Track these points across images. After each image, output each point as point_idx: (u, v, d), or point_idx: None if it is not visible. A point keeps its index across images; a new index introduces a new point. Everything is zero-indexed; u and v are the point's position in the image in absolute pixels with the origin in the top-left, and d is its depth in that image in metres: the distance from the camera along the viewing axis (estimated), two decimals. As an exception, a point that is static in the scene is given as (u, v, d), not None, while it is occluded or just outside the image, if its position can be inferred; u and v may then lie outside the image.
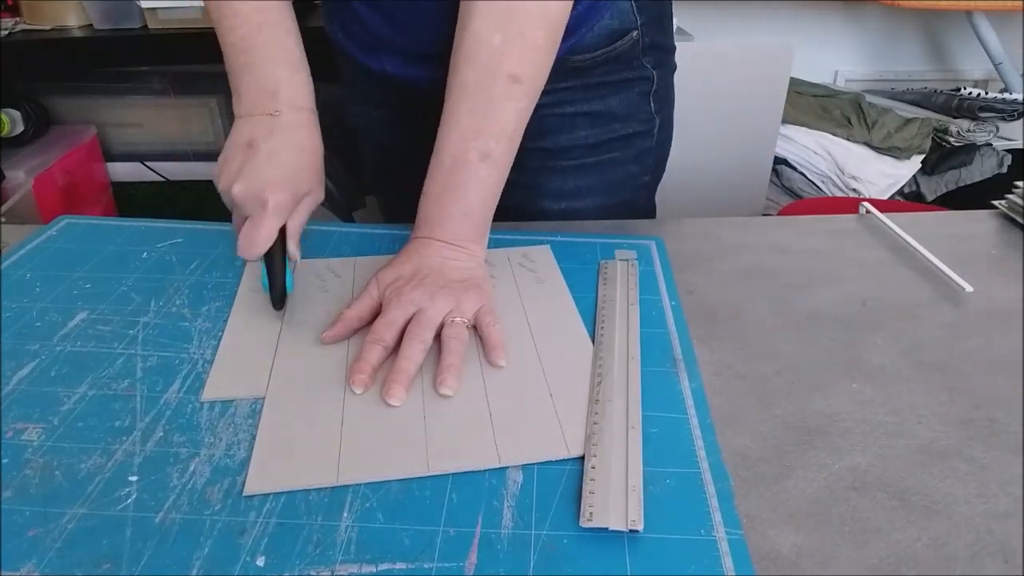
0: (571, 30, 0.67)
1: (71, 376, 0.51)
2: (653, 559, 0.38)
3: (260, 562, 0.38)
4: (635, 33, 0.71)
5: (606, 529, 0.40)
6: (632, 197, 0.80)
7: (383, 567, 0.38)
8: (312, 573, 0.38)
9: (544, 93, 0.71)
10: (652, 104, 0.76)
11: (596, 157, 0.76)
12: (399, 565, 0.38)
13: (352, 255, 0.67)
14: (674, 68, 0.79)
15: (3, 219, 1.46)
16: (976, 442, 0.46)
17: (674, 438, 0.46)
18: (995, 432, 0.47)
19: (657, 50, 0.74)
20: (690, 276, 0.64)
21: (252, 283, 0.62)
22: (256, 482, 0.43)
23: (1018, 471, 0.44)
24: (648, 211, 0.83)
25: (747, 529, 0.40)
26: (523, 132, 0.60)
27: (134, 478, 0.43)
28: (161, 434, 0.46)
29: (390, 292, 0.56)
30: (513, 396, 0.50)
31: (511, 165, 0.60)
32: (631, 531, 0.40)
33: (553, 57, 0.60)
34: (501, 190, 0.60)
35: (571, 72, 0.71)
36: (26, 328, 0.56)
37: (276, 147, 0.58)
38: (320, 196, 0.61)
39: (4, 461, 0.44)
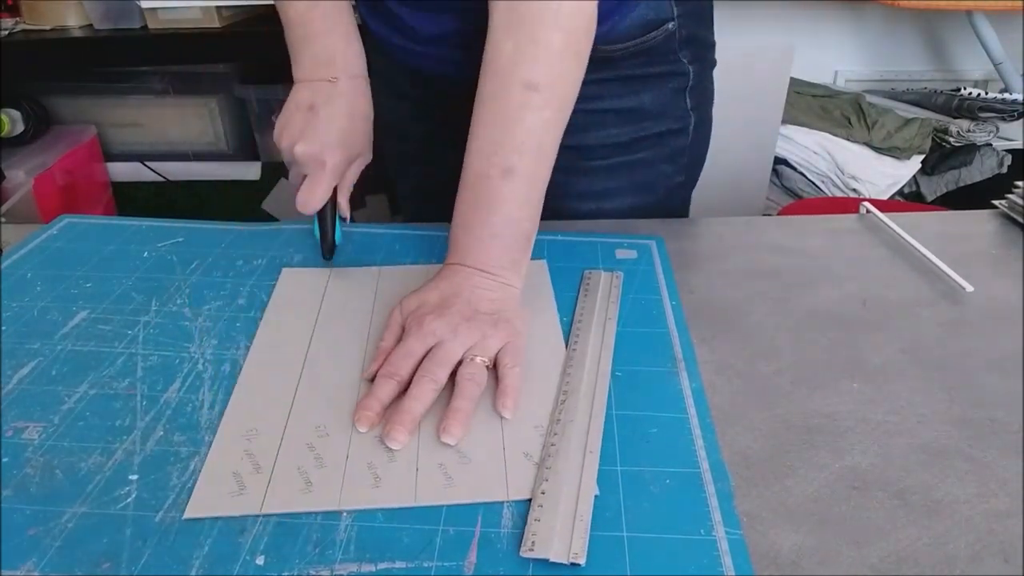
0: (603, 17, 0.64)
1: (71, 375, 0.51)
2: (653, 559, 0.38)
3: (260, 561, 0.38)
4: (671, 25, 0.69)
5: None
6: (664, 198, 0.78)
7: (383, 566, 0.38)
8: (312, 572, 0.38)
9: None
10: (688, 100, 0.74)
11: (627, 156, 0.74)
12: (399, 564, 0.38)
13: (354, 253, 0.67)
14: (714, 64, 0.76)
15: (3, 219, 1.46)
16: (976, 441, 0.46)
17: (674, 437, 0.46)
18: (995, 431, 0.47)
19: (696, 44, 0.72)
20: (690, 276, 0.64)
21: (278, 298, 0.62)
22: (200, 505, 0.42)
23: (1018, 470, 0.44)
24: (682, 212, 0.81)
25: (747, 529, 0.40)
26: (556, 144, 0.57)
27: (134, 477, 0.43)
28: (161, 433, 0.46)
29: (412, 320, 0.53)
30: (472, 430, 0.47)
31: (546, 180, 0.57)
32: (572, 564, 0.38)
33: (578, 63, 0.57)
34: (534, 209, 0.56)
35: (601, 63, 0.68)
36: (27, 327, 0.56)
37: (334, 112, 0.63)
38: (369, 157, 0.65)
39: (4, 460, 0.44)
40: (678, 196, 0.80)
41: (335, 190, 0.64)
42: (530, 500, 0.42)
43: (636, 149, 0.74)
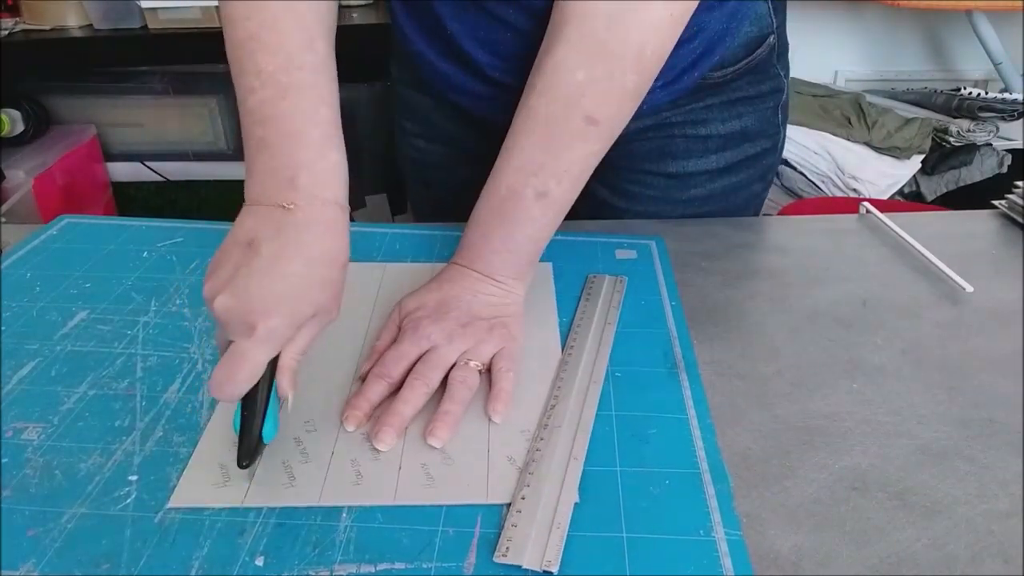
0: (713, 46, 0.63)
1: (71, 375, 0.51)
2: (652, 559, 0.38)
3: (259, 562, 0.38)
4: (772, 38, 0.67)
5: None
6: (751, 215, 0.76)
7: (382, 567, 0.38)
8: (311, 573, 0.38)
9: (677, 112, 0.66)
10: (780, 116, 0.72)
11: (724, 181, 0.72)
12: (398, 565, 0.38)
13: (353, 253, 0.66)
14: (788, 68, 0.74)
15: (3, 219, 1.47)
16: (976, 442, 0.46)
17: (674, 438, 0.46)
18: (995, 432, 0.47)
19: (785, 54, 0.70)
20: (690, 276, 0.64)
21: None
22: (184, 495, 0.42)
23: (1018, 471, 0.44)
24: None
25: (747, 529, 0.40)
26: (588, 176, 0.55)
27: (134, 478, 0.43)
28: (161, 434, 0.46)
29: (408, 322, 0.52)
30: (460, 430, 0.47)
31: (569, 207, 0.55)
32: (545, 572, 0.38)
33: (637, 104, 0.54)
34: (554, 230, 0.56)
35: (709, 89, 0.67)
36: (26, 327, 0.56)
37: (282, 251, 0.43)
38: (334, 315, 0.46)
39: (4, 460, 0.44)
40: (759, 209, 0.79)
41: (273, 364, 0.43)
42: (509, 505, 0.42)
43: (732, 173, 0.72)
